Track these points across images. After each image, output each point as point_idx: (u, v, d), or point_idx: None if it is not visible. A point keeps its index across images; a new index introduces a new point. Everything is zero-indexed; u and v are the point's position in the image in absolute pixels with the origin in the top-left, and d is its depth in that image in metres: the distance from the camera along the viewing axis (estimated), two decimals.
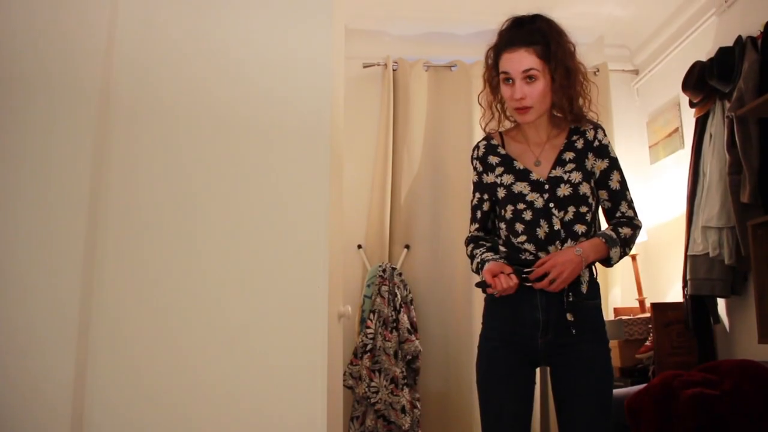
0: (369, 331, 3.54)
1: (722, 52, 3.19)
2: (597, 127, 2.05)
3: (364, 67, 4.11)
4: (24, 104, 1.85)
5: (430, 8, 3.94)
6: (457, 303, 3.84)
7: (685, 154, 3.62)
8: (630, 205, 2.04)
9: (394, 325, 3.60)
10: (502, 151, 2.05)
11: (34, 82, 1.86)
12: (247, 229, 1.85)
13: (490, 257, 2.01)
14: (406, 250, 3.90)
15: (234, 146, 1.89)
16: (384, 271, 3.72)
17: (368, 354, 3.50)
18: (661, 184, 3.98)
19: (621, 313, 3.84)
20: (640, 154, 4.16)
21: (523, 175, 1.99)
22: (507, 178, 2.00)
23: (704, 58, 3.38)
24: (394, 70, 4.12)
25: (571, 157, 1.99)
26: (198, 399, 1.78)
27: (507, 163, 2.03)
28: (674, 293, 3.67)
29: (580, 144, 2.01)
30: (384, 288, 3.66)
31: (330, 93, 1.92)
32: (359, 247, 3.91)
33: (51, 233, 1.79)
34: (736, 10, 3.33)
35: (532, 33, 1.96)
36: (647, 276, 3.98)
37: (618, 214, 2.03)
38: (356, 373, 3.50)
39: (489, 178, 2.05)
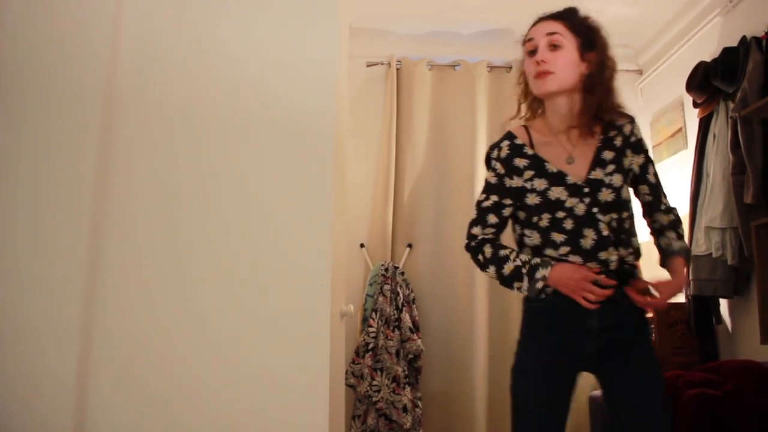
0: (371, 329, 3.55)
1: (727, 52, 3.19)
2: (632, 120, 1.91)
3: (368, 66, 4.11)
4: (27, 105, 1.86)
5: (433, 7, 3.94)
6: (459, 302, 3.84)
7: (688, 155, 3.62)
8: (665, 195, 1.98)
9: (396, 323, 3.60)
10: (530, 152, 1.86)
11: (38, 84, 1.86)
12: (251, 229, 1.85)
13: (540, 261, 1.79)
14: (408, 249, 3.90)
15: (238, 145, 1.89)
16: (386, 269, 3.72)
17: (370, 353, 3.51)
18: (664, 184, 3.93)
19: None
20: None
21: (557, 178, 1.80)
22: (539, 183, 1.81)
23: (708, 59, 3.38)
24: (397, 69, 4.12)
25: (611, 157, 1.83)
26: (200, 398, 1.79)
27: (537, 165, 1.83)
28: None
29: (618, 141, 1.86)
30: (386, 287, 3.66)
31: (334, 92, 1.92)
32: (362, 245, 3.91)
33: (54, 234, 1.79)
34: (740, 11, 3.32)
35: (562, 12, 1.90)
36: (650, 276, 3.96)
37: (662, 207, 1.94)
38: (358, 372, 3.50)
39: (515, 182, 1.85)
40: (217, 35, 1.93)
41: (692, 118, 3.60)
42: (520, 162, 1.85)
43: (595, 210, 1.77)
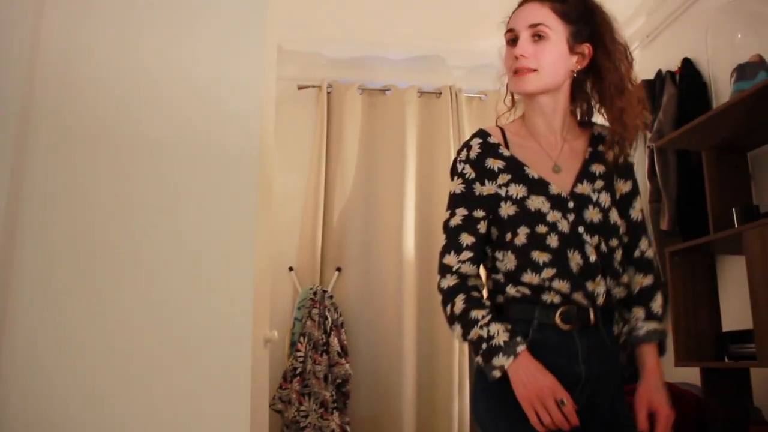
0: (299, 354, 3.50)
1: (644, 84, 3.32)
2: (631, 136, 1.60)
3: (299, 88, 4.10)
4: None
5: (364, 32, 3.98)
6: (388, 326, 3.84)
7: None
8: (650, 242, 1.59)
9: (325, 348, 3.57)
10: (506, 152, 1.54)
11: None
12: (170, 254, 1.81)
13: (518, 343, 1.40)
14: (337, 272, 3.89)
15: (160, 166, 1.85)
16: (315, 293, 3.69)
17: (298, 377, 3.46)
18: None
19: None
20: None
21: (538, 186, 1.49)
22: (517, 190, 1.49)
23: None
24: (328, 93, 4.13)
25: (601, 172, 1.55)
26: (117, 425, 1.72)
27: (515, 168, 1.52)
28: None
29: (610, 156, 1.55)
30: (314, 311, 3.63)
31: (259, 113, 1.91)
32: (290, 269, 3.88)
33: None
34: (657, 45, 3.49)
35: None
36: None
37: (637, 254, 1.56)
38: (285, 397, 3.45)
39: (486, 188, 1.52)
40: (139, 54, 1.90)
41: None
42: (493, 163, 1.53)
43: (580, 230, 1.47)
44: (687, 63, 3.13)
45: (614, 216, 1.51)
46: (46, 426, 1.70)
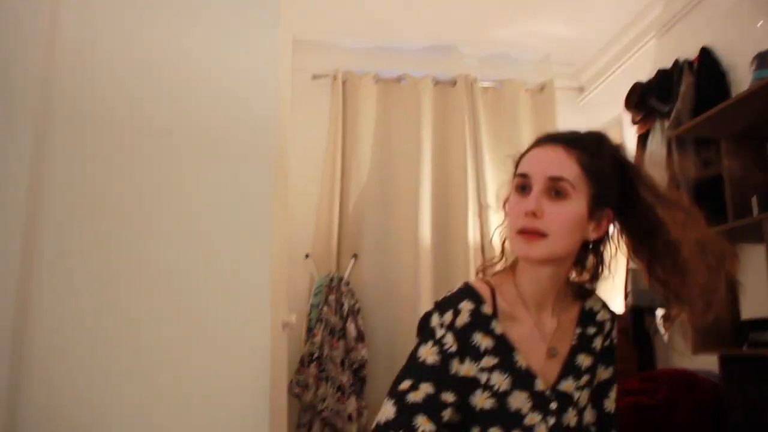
0: (316, 339, 3.54)
1: (661, 73, 3.31)
2: (614, 316, 1.37)
3: (314, 78, 4.11)
4: None
5: (379, 22, 3.98)
6: (403, 312, 3.86)
7: None
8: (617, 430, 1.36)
9: (341, 333, 3.61)
10: (498, 330, 1.23)
11: None
12: (191, 240, 1.84)
13: None
14: (353, 259, 3.91)
15: (177, 156, 1.88)
16: (331, 280, 3.73)
17: (315, 362, 3.50)
18: None
19: None
20: None
21: (524, 380, 1.22)
22: (500, 380, 1.21)
23: (645, 79, 3.50)
24: (343, 83, 4.14)
25: (588, 365, 1.29)
26: (138, 412, 1.76)
27: (503, 352, 1.22)
28: (616, 305, 3.76)
29: (598, 343, 1.32)
30: (331, 297, 3.66)
31: (276, 103, 1.93)
32: (307, 256, 3.91)
33: None
34: (674, 34, 3.46)
35: (582, 137, 1.26)
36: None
37: None
38: (303, 382, 3.49)
39: (466, 368, 1.20)
40: (155, 47, 1.92)
41: (631, 135, 3.71)
42: (482, 341, 1.21)
43: None
44: (705, 52, 3.11)
45: (588, 416, 1.31)
46: (69, 406, 1.74)
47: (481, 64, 4.27)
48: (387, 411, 1.17)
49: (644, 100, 3.41)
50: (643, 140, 3.49)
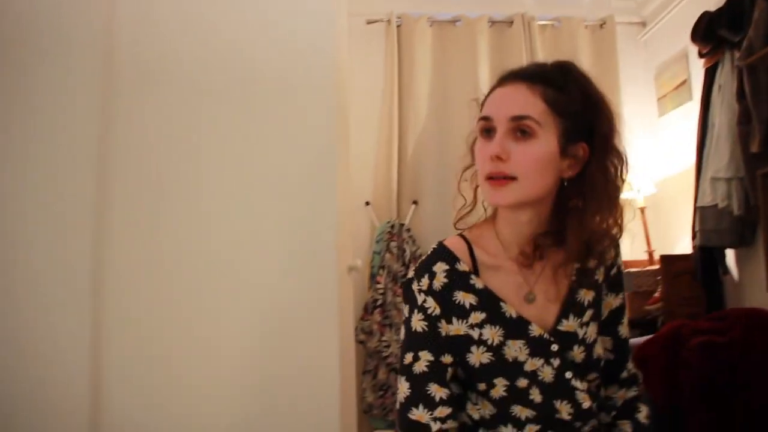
0: (379, 286, 3.58)
1: (731, 1, 3.14)
2: (617, 243, 1.31)
3: (368, 23, 4.06)
4: (28, 68, 1.86)
5: None
6: None
7: (693, 107, 3.59)
8: (631, 356, 1.39)
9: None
10: (479, 284, 1.22)
11: (38, 49, 1.86)
12: (257, 188, 1.87)
13: None
14: (414, 205, 3.91)
15: (240, 105, 1.90)
16: (392, 227, 3.74)
17: (379, 309, 3.55)
18: (670, 136, 3.96)
19: (630, 265, 3.85)
20: (647, 107, 4.12)
21: (517, 328, 1.21)
22: (492, 333, 1.21)
23: (713, 8, 3.33)
24: (397, 26, 4.08)
25: (590, 300, 1.27)
26: (212, 354, 1.82)
27: (489, 304, 1.22)
28: (683, 245, 3.68)
29: (600, 275, 1.29)
30: (393, 244, 3.69)
31: (334, 49, 1.92)
32: (367, 203, 3.92)
33: (57, 230, 1.80)
34: None
35: (546, 71, 1.23)
36: (656, 228, 3.98)
37: (624, 375, 1.36)
38: (367, 328, 3.55)
39: (455, 328, 1.21)
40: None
41: (697, 69, 3.57)
42: (464, 298, 1.21)
43: (568, 375, 1.23)
44: None
45: (598, 349, 1.28)
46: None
47: (538, 2, 4.15)
48: (403, 388, 1.21)
49: (713, 31, 3.25)
50: (711, 74, 3.35)
